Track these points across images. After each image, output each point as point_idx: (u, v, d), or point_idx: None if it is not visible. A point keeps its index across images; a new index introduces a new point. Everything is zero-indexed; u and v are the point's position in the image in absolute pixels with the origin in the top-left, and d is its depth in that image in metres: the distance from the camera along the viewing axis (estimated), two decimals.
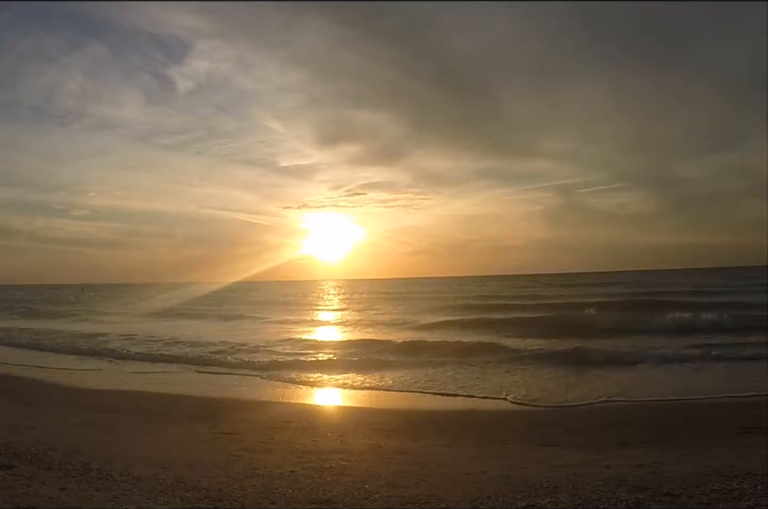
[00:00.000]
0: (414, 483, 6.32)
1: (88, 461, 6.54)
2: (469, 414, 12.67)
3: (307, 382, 16.76)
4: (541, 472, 6.83)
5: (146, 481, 5.92)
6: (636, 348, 19.50)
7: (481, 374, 17.03)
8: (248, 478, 6.36)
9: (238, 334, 29.50)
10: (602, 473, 6.62)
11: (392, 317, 39.29)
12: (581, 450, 8.56)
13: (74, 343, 26.65)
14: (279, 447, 8.69)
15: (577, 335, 23.08)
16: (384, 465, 7.41)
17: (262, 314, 43.61)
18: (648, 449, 8.51)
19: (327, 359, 20.44)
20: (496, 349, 21.24)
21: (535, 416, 12.29)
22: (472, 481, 6.47)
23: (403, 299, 59.27)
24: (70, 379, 17.45)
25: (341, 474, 6.75)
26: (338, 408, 14.19)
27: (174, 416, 11.91)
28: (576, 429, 10.67)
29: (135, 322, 38.91)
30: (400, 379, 16.71)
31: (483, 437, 10.18)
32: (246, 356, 21.35)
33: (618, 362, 17.52)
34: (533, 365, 17.96)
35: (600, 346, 20.15)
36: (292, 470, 6.87)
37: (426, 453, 8.52)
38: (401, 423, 11.39)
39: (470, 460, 7.99)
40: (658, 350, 18.98)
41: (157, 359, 21.55)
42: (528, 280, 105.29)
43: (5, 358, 22.31)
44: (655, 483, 5.87)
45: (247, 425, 10.94)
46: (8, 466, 6.00)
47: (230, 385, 16.62)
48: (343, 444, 9.07)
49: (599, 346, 20.11)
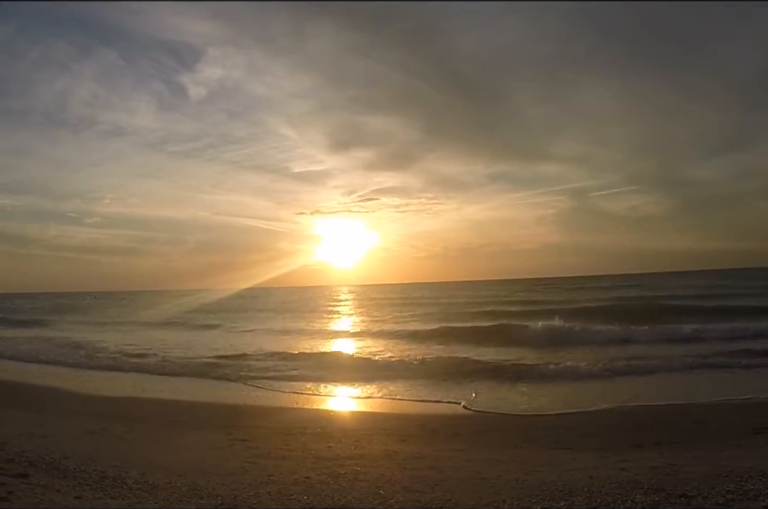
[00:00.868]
0: (429, 488, 6.32)
1: (103, 469, 6.53)
2: (483, 418, 12.61)
3: (316, 390, 16.71)
4: (556, 476, 6.83)
5: (161, 489, 5.91)
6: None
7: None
8: (263, 485, 6.36)
9: (241, 343, 29.53)
10: (617, 475, 6.63)
11: (391, 325, 38.96)
12: (595, 453, 8.56)
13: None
14: (294, 453, 8.69)
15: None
16: (399, 470, 7.40)
17: (263, 324, 43.09)
18: (662, 451, 8.50)
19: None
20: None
21: (548, 420, 12.23)
22: (487, 485, 6.47)
23: (408, 305, 58.95)
24: (83, 386, 17.45)
25: (356, 479, 6.75)
26: (352, 414, 14.15)
27: (188, 423, 11.91)
28: (589, 432, 10.63)
29: (137, 331, 39.03)
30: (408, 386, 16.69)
31: (497, 441, 10.16)
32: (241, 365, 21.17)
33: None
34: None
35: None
36: (307, 476, 6.86)
37: (441, 458, 8.50)
38: (416, 428, 11.37)
39: (485, 464, 7.96)
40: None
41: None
42: (538, 283, 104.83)
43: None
44: (671, 484, 5.89)
45: (262, 431, 10.95)
46: (23, 475, 5.98)
47: (240, 393, 16.58)
48: (357, 450, 9.05)
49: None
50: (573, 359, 19.44)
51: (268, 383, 17.77)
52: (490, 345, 24.47)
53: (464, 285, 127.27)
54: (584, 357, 19.80)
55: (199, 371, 20.27)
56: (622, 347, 22.17)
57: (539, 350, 22.17)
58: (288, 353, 23.95)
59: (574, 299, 53.47)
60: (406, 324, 37.68)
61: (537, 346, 23.46)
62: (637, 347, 22.18)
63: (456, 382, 16.92)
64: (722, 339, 22.69)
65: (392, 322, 40.92)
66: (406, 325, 37.06)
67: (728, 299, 42.68)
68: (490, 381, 16.79)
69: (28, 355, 25.52)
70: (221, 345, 27.80)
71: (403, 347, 25.78)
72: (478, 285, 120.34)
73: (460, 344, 25.84)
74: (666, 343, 22.59)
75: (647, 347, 22.16)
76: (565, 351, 21.83)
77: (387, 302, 68.66)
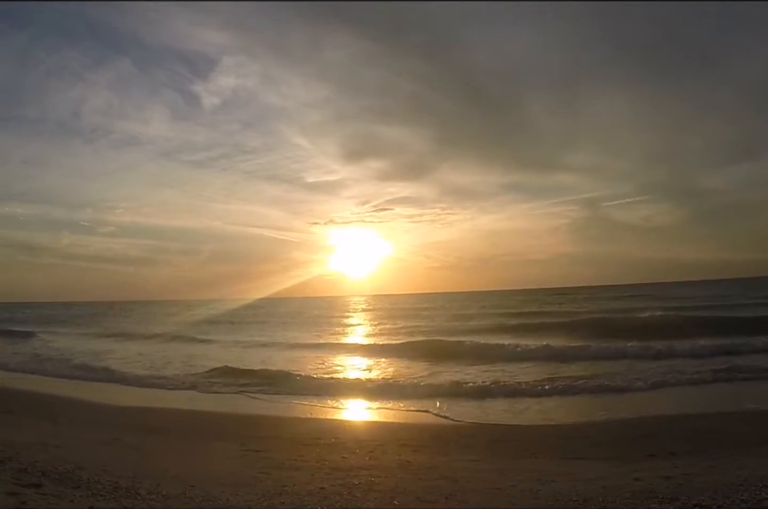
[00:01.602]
0: (443, 498, 6.33)
1: (116, 479, 6.52)
2: (496, 429, 12.56)
3: (329, 401, 16.67)
4: (570, 485, 6.81)
5: (175, 499, 5.90)
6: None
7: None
8: (277, 495, 6.35)
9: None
10: (631, 485, 6.62)
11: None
12: (609, 463, 8.53)
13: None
14: (308, 463, 8.67)
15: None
16: (413, 481, 7.40)
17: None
18: (676, 460, 8.47)
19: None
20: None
21: (561, 429, 12.18)
22: (501, 495, 6.48)
23: (415, 317, 58.83)
24: (97, 396, 17.48)
25: (370, 490, 6.74)
26: (366, 424, 14.14)
27: (202, 433, 11.92)
28: (603, 442, 10.60)
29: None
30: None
31: (511, 451, 10.14)
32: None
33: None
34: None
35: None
36: (321, 487, 6.85)
37: (455, 468, 8.48)
38: (429, 439, 11.36)
39: (499, 474, 7.95)
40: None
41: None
42: (551, 294, 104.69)
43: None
44: (685, 494, 5.88)
45: (276, 442, 10.94)
46: (36, 485, 5.98)
47: (254, 404, 16.56)
48: (371, 460, 9.04)
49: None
50: (580, 373, 19.39)
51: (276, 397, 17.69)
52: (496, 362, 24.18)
53: (478, 296, 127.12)
54: (593, 371, 19.71)
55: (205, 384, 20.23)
56: (628, 361, 21.87)
57: (546, 366, 21.90)
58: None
59: (582, 310, 53.39)
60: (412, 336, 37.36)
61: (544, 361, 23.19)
62: (646, 360, 21.90)
63: (466, 395, 16.77)
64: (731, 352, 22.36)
65: (405, 333, 40.64)
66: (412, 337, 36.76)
67: (736, 310, 42.56)
68: (499, 394, 16.63)
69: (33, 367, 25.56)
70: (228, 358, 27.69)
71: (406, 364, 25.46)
72: (492, 295, 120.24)
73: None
74: (672, 357, 22.13)
75: (654, 360, 21.83)
76: (569, 366, 21.58)
77: (398, 314, 68.24)
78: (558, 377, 18.43)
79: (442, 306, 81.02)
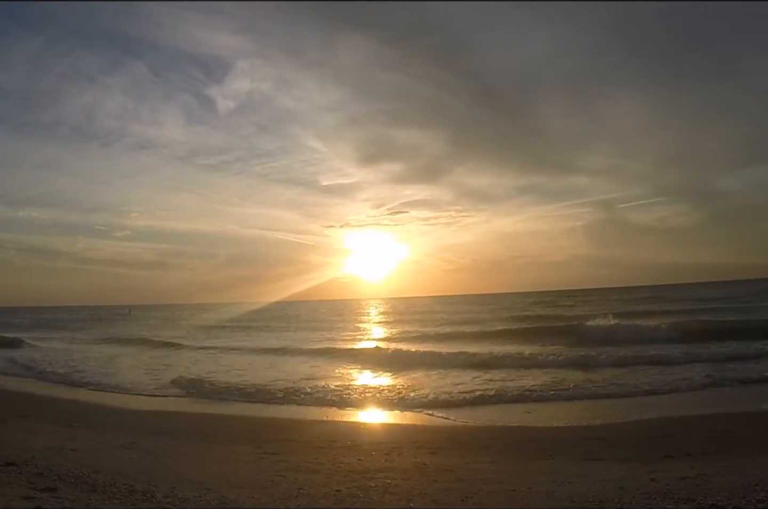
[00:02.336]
0: (460, 501, 6.31)
1: (132, 483, 6.52)
2: (513, 430, 12.52)
3: (344, 404, 16.64)
4: (587, 487, 6.79)
5: (191, 502, 5.90)
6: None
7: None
8: (293, 498, 6.34)
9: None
10: (648, 486, 6.58)
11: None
12: (626, 464, 8.50)
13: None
14: (324, 466, 8.67)
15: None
16: (429, 483, 7.37)
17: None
18: (693, 461, 8.42)
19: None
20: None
21: (577, 431, 12.14)
22: (518, 497, 6.46)
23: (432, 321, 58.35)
24: (112, 400, 17.52)
25: (386, 492, 6.73)
26: (382, 426, 14.11)
27: (217, 437, 11.93)
28: (620, 443, 10.56)
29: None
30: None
31: (528, 453, 10.09)
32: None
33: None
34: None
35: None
36: (337, 489, 6.84)
37: (471, 470, 8.45)
38: (446, 441, 11.32)
39: (516, 476, 7.92)
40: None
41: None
42: (566, 296, 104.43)
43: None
44: (701, 494, 5.87)
45: (291, 445, 10.94)
46: (52, 489, 5.97)
47: (267, 407, 16.55)
48: (387, 463, 9.03)
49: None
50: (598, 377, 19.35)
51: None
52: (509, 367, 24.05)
53: (493, 298, 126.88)
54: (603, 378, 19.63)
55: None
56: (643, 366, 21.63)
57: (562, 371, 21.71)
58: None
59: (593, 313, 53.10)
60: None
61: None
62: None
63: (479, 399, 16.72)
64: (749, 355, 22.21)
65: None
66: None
67: (752, 313, 42.11)
68: (510, 399, 16.57)
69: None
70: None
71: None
72: (507, 298, 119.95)
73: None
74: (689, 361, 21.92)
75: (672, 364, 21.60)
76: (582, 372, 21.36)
77: (408, 318, 67.90)
78: (570, 381, 18.42)
79: (453, 310, 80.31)
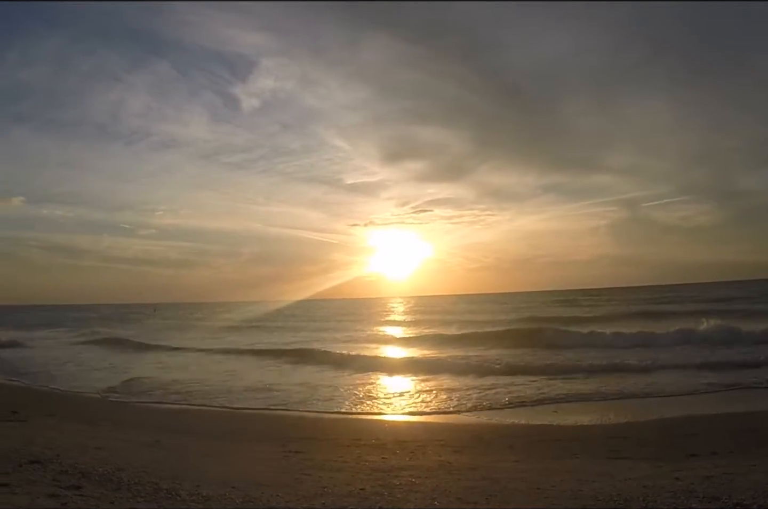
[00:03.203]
0: (484, 499, 6.29)
1: (156, 481, 6.53)
2: (538, 429, 12.48)
3: (368, 403, 16.63)
4: (611, 485, 6.77)
5: (215, 501, 5.89)
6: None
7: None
8: (318, 497, 6.32)
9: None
10: (672, 484, 6.56)
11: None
12: (651, 462, 8.46)
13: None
14: (348, 464, 8.68)
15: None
16: (454, 481, 7.36)
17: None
18: (717, 460, 8.39)
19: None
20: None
21: (602, 430, 12.13)
22: (542, 496, 6.44)
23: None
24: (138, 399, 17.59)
25: (411, 490, 6.72)
26: (406, 425, 14.09)
27: (242, 435, 11.98)
28: (645, 441, 10.55)
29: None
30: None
31: (552, 451, 10.09)
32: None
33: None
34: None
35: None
36: (362, 488, 6.82)
37: (496, 469, 8.43)
38: (470, 439, 11.31)
39: (540, 475, 7.89)
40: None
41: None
42: (586, 295, 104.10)
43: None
44: (726, 493, 5.85)
45: (315, 443, 10.97)
46: (76, 487, 5.98)
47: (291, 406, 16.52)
48: (412, 461, 9.04)
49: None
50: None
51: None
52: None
53: (517, 297, 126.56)
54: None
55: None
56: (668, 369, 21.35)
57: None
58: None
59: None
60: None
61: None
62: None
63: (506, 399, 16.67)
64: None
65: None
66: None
67: None
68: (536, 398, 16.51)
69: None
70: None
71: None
72: (530, 297, 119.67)
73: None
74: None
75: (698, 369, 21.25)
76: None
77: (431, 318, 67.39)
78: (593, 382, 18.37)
79: (474, 309, 79.86)
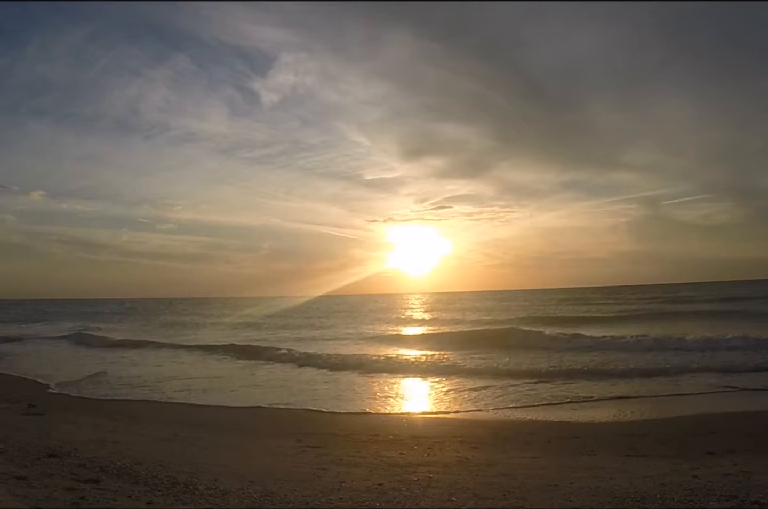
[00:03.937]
0: (502, 495, 6.32)
1: (174, 475, 6.58)
2: (556, 426, 12.43)
3: (386, 398, 16.60)
4: (629, 482, 6.78)
5: (233, 495, 5.91)
6: None
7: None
8: (335, 491, 6.34)
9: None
10: (690, 482, 6.57)
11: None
12: (669, 460, 8.45)
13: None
14: (366, 460, 8.72)
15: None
16: (471, 478, 7.40)
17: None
18: (735, 458, 8.36)
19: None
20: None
21: (620, 427, 12.09)
22: (559, 493, 6.46)
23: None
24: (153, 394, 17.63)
25: (428, 486, 6.75)
26: (424, 420, 14.03)
27: (259, 430, 12.02)
28: (664, 439, 10.48)
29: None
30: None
31: (570, 448, 10.06)
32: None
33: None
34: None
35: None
36: (380, 483, 6.84)
37: (513, 465, 8.45)
38: (488, 436, 11.30)
39: (558, 471, 7.90)
40: None
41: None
42: (605, 292, 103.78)
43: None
44: (743, 491, 5.85)
45: (333, 438, 10.98)
46: (94, 480, 6.03)
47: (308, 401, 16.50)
48: (430, 457, 9.06)
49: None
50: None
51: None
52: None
53: (537, 294, 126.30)
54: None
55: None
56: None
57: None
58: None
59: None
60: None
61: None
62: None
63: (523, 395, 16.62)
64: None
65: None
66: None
67: None
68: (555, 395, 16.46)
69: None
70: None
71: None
72: (549, 293, 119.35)
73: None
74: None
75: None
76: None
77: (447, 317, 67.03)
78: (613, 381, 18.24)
79: (491, 307, 79.45)
